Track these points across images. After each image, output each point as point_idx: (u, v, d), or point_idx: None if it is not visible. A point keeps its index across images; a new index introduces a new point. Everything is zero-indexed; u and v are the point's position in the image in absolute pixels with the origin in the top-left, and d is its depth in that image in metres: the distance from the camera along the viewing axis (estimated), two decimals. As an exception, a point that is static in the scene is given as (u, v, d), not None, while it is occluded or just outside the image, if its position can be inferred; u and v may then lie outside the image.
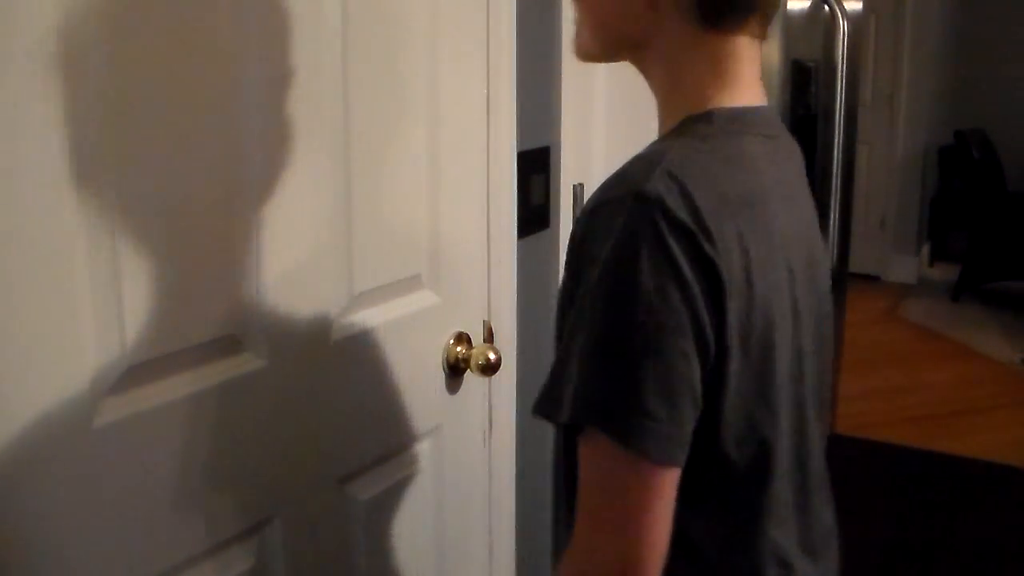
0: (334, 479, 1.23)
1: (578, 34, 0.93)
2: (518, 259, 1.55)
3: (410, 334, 1.34)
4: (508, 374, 1.54)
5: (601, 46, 0.91)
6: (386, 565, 1.34)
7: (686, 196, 0.76)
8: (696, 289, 0.75)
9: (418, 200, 1.33)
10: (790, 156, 0.94)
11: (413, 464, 1.38)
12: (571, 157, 1.68)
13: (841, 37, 2.87)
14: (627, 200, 0.76)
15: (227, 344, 1.05)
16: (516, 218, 1.53)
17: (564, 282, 0.82)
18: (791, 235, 0.88)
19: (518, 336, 1.57)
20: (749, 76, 0.88)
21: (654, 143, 0.87)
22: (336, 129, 1.16)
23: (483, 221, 1.47)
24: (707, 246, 0.75)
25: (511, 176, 1.51)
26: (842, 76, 2.87)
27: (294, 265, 1.13)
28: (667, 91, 0.89)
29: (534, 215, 1.62)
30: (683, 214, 0.75)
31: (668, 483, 0.77)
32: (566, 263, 0.81)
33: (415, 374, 1.36)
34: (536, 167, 1.61)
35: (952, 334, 4.96)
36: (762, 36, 0.89)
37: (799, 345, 0.88)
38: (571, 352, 0.78)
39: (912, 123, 5.81)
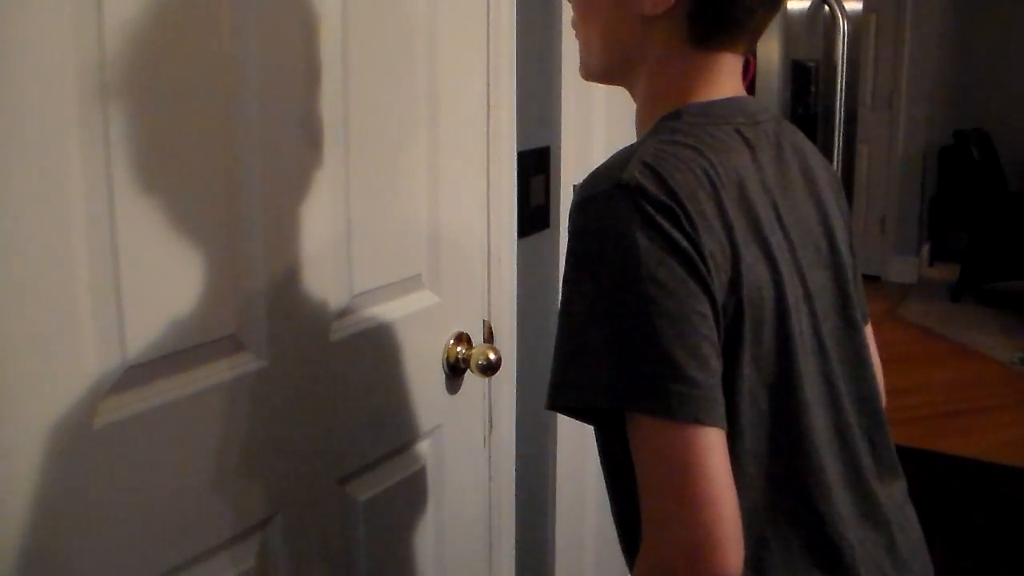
0: (334, 479, 1.23)
1: (582, 55, 0.98)
2: (518, 259, 1.55)
3: (410, 334, 1.34)
4: (508, 374, 1.54)
5: (602, 65, 0.96)
6: (386, 565, 1.34)
7: (661, 181, 0.80)
8: (695, 256, 0.78)
9: (418, 200, 1.33)
10: (775, 142, 0.94)
11: (413, 464, 1.38)
12: (571, 157, 1.68)
13: (841, 37, 2.87)
14: (611, 191, 0.80)
15: (227, 344, 1.05)
16: (516, 218, 1.53)
17: (565, 276, 0.83)
18: (778, 218, 0.89)
19: (518, 336, 1.57)
20: (726, 79, 0.91)
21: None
22: (336, 129, 1.16)
23: (483, 221, 1.48)
24: (686, 224, 0.79)
25: (511, 176, 1.51)
26: (842, 76, 2.87)
27: (294, 265, 1.13)
28: (645, 100, 0.94)
29: (534, 215, 1.62)
30: (663, 196, 0.79)
31: (722, 445, 0.77)
32: (566, 259, 0.83)
33: (415, 374, 1.36)
34: (536, 167, 1.61)
35: (952, 334, 4.96)
36: (747, 52, 0.93)
37: (815, 324, 0.90)
38: (587, 341, 0.78)
39: (912, 123, 5.81)
